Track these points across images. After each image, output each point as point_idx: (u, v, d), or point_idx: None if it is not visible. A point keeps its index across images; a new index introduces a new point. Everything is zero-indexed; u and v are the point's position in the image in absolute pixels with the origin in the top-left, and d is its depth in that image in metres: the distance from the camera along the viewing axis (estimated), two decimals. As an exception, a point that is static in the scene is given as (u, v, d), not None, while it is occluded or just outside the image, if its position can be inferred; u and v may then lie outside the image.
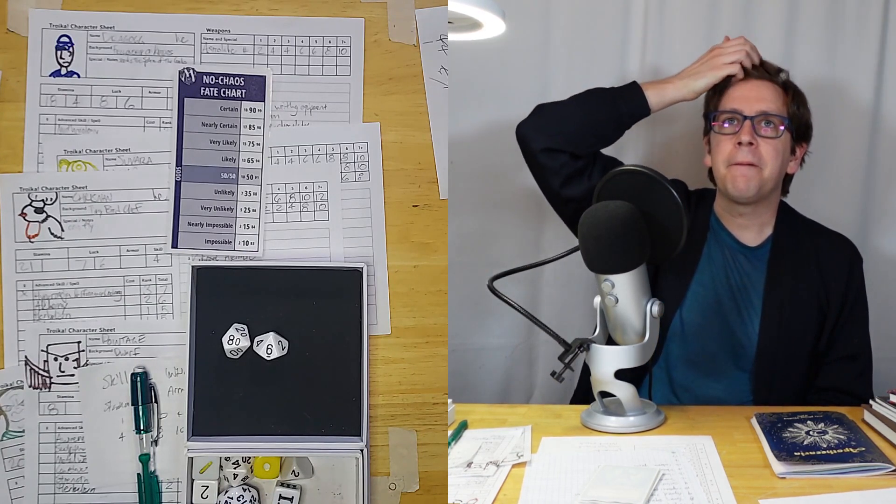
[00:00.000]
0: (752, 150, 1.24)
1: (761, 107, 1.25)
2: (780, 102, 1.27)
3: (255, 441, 1.06)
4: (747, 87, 1.27)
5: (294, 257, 1.10)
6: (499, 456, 1.00)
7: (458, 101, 1.51)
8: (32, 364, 1.07)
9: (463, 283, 1.53)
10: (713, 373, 1.27)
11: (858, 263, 1.31)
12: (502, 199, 1.61)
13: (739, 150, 1.24)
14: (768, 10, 1.49)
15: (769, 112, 1.25)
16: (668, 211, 1.07)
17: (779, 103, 1.27)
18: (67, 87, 1.10)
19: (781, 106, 1.27)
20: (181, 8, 1.11)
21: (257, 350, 1.06)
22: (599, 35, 1.53)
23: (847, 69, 1.50)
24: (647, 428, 1.09)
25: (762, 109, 1.25)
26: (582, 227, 1.07)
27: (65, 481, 1.07)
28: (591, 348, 1.09)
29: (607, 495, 0.88)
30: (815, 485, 0.90)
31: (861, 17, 1.48)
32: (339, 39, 1.12)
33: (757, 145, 1.24)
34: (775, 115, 1.25)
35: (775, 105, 1.27)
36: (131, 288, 1.09)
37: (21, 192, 1.08)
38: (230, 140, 1.10)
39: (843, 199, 1.53)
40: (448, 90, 1.12)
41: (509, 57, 1.55)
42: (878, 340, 1.54)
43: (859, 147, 1.51)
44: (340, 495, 1.07)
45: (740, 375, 1.26)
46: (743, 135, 1.24)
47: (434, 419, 1.10)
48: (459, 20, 1.14)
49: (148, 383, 1.07)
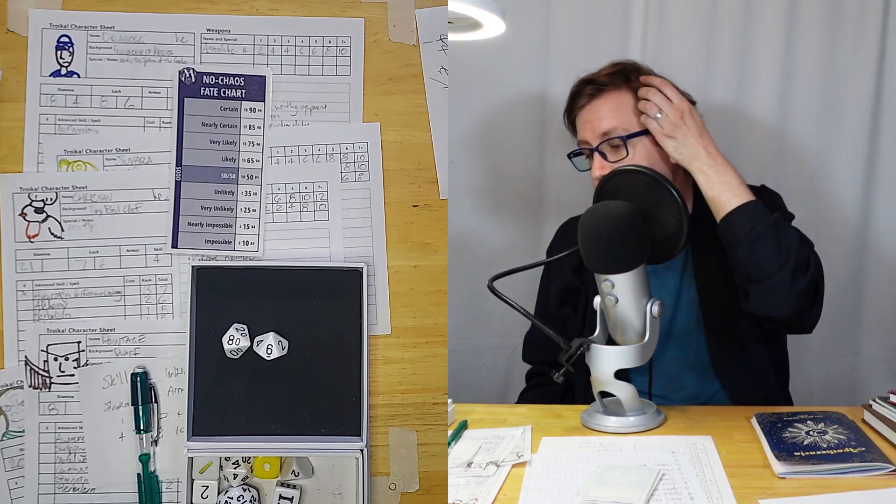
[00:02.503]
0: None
1: (602, 132, 1.20)
2: (625, 110, 1.21)
3: (255, 441, 1.06)
4: (587, 111, 1.23)
5: (294, 257, 1.10)
6: (499, 456, 1.00)
7: (458, 101, 1.51)
8: (32, 364, 1.07)
9: (463, 283, 1.53)
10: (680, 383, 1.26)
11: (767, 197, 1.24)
12: (502, 199, 1.61)
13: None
14: (768, 10, 1.49)
15: (611, 134, 1.20)
16: (668, 211, 1.07)
17: (623, 113, 1.21)
18: (67, 87, 1.10)
19: (627, 114, 1.21)
20: (181, 8, 1.11)
21: (257, 350, 1.06)
22: (599, 35, 1.54)
23: (847, 69, 1.50)
24: (647, 428, 1.09)
25: (604, 134, 1.20)
26: (582, 227, 1.07)
27: (65, 481, 1.07)
28: (591, 348, 1.09)
29: (607, 495, 0.88)
30: (815, 485, 0.90)
31: (861, 17, 1.48)
32: (339, 39, 1.12)
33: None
34: (618, 134, 1.19)
35: (614, 121, 1.20)
36: (131, 288, 1.09)
37: (21, 192, 1.08)
38: (230, 140, 1.10)
39: (842, 199, 1.53)
40: (448, 90, 1.12)
41: (509, 57, 1.55)
42: (877, 340, 1.55)
43: (859, 147, 1.51)
44: (340, 495, 1.07)
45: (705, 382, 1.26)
46: (595, 171, 1.21)
47: (434, 419, 1.10)
48: (459, 20, 1.14)
49: (148, 383, 1.07)
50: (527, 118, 1.58)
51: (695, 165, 1.17)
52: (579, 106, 1.24)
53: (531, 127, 1.58)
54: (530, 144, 1.59)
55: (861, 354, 1.50)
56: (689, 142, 1.17)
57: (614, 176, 1.11)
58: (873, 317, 1.54)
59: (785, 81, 1.51)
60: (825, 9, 1.49)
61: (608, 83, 1.23)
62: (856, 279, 1.53)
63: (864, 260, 1.54)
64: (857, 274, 1.54)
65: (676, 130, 1.17)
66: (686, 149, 1.17)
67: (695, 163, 1.17)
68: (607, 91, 1.23)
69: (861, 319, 1.54)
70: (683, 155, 1.17)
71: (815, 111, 1.52)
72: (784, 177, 1.50)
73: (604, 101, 1.23)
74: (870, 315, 1.54)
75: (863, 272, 1.54)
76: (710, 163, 1.16)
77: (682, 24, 1.52)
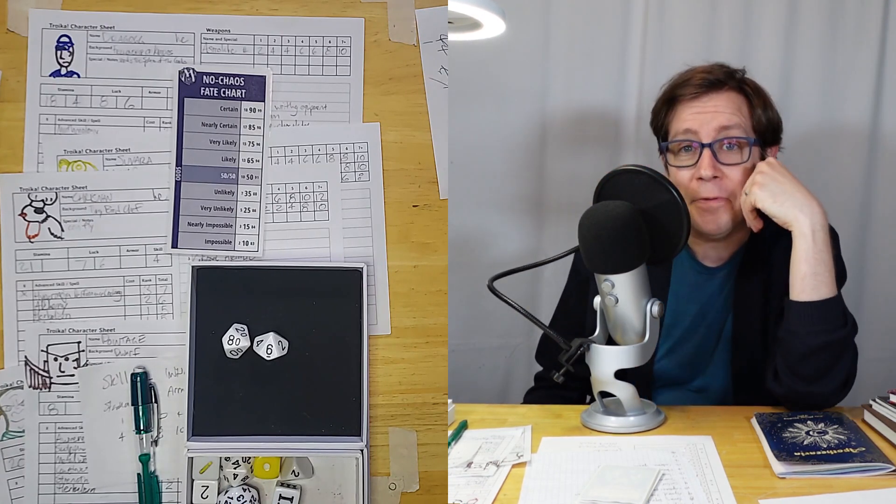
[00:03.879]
0: (716, 183, 1.12)
1: (720, 125, 1.11)
2: (743, 113, 1.13)
3: (255, 441, 1.06)
4: (701, 101, 1.13)
5: (294, 257, 1.10)
6: (499, 456, 1.00)
7: (458, 101, 1.51)
8: (32, 364, 1.07)
9: (463, 283, 1.53)
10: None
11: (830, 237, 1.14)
12: (502, 199, 1.62)
13: (702, 185, 1.12)
14: (768, 11, 1.50)
15: (731, 132, 1.11)
16: (668, 211, 1.07)
17: (741, 115, 1.13)
18: (67, 87, 1.10)
19: (745, 118, 1.13)
20: (181, 8, 1.11)
21: (257, 350, 1.06)
22: (599, 35, 1.54)
23: (847, 69, 1.50)
24: (647, 428, 1.09)
25: (722, 129, 1.11)
26: (582, 227, 1.07)
27: (65, 481, 1.07)
28: (591, 348, 1.09)
29: (607, 495, 0.88)
30: (815, 485, 0.90)
31: (861, 17, 1.49)
32: (339, 39, 1.12)
33: (722, 176, 1.12)
34: (738, 134, 1.12)
35: (736, 118, 1.12)
36: (131, 288, 1.09)
37: (21, 192, 1.08)
38: (230, 140, 1.10)
39: (843, 200, 1.53)
40: (448, 90, 1.12)
41: (509, 57, 1.55)
42: (877, 340, 1.55)
43: (859, 147, 1.51)
44: (340, 495, 1.07)
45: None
46: (703, 169, 1.11)
47: (434, 419, 1.10)
48: (459, 20, 1.14)
49: (148, 383, 1.07)
50: (527, 118, 1.58)
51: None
52: (689, 95, 1.13)
53: (531, 127, 1.58)
54: (530, 144, 1.59)
55: (861, 354, 1.50)
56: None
57: (614, 176, 1.11)
58: (873, 317, 1.54)
59: (785, 81, 1.51)
60: (825, 9, 1.49)
61: (725, 80, 1.14)
62: (856, 279, 1.53)
63: (865, 260, 1.55)
64: (858, 274, 1.54)
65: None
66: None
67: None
68: (726, 88, 1.14)
69: (861, 319, 1.54)
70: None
71: (814, 111, 1.52)
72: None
73: (722, 96, 1.13)
74: (870, 315, 1.54)
75: (863, 272, 1.55)
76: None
77: (682, 24, 1.52)
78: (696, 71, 1.18)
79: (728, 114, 1.13)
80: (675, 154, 1.17)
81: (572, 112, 1.57)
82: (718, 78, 1.15)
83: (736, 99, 1.15)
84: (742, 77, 1.17)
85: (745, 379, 1.20)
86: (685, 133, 1.15)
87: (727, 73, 1.16)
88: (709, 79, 1.15)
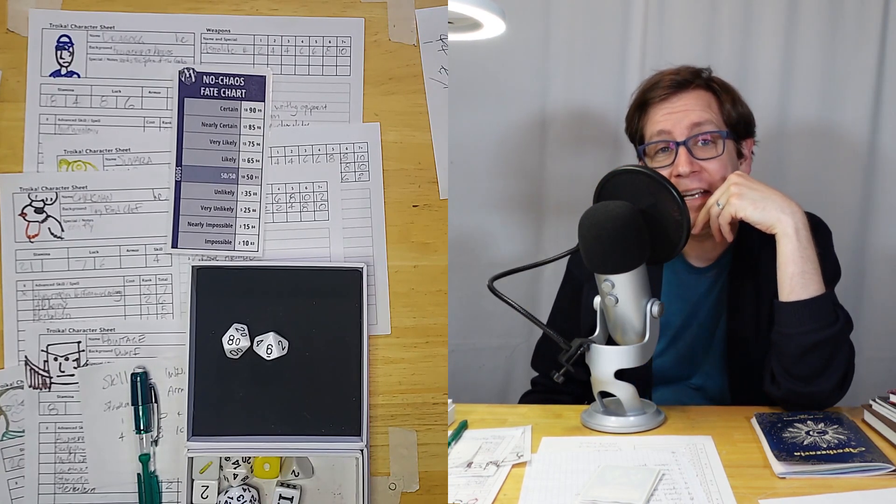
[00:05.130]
0: (696, 177, 1.15)
1: (692, 122, 1.14)
2: (713, 109, 1.17)
3: (255, 441, 1.06)
4: (671, 102, 1.17)
5: (294, 257, 1.10)
6: (499, 456, 1.00)
7: (458, 101, 1.51)
8: (32, 364, 1.07)
9: (463, 283, 1.53)
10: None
11: (821, 234, 1.15)
12: (502, 199, 1.61)
13: (681, 181, 1.14)
14: (768, 12, 1.50)
15: (703, 127, 1.14)
16: (668, 211, 1.07)
17: (711, 111, 1.16)
18: (67, 87, 1.10)
19: (715, 114, 1.17)
20: (181, 8, 1.11)
21: (257, 350, 1.06)
22: (599, 35, 1.54)
23: (847, 70, 1.50)
24: (647, 428, 1.09)
25: (694, 126, 1.14)
26: (582, 227, 1.07)
27: (65, 481, 1.07)
28: (591, 348, 1.09)
29: (607, 495, 0.88)
30: (815, 485, 0.90)
31: (861, 17, 1.49)
32: (339, 39, 1.12)
33: (700, 170, 1.15)
34: (710, 129, 1.15)
35: (707, 115, 1.16)
36: (131, 288, 1.09)
37: (21, 192, 1.08)
38: (230, 140, 1.10)
39: (842, 200, 1.53)
40: (448, 90, 1.12)
41: (509, 57, 1.55)
42: (877, 340, 1.55)
43: (859, 147, 1.51)
44: (340, 495, 1.07)
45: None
46: (680, 166, 1.14)
47: (434, 419, 1.10)
48: (459, 20, 1.14)
49: (148, 383, 1.07)
50: (527, 118, 1.58)
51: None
52: (659, 97, 1.17)
53: (531, 127, 1.58)
54: (530, 144, 1.59)
55: (861, 354, 1.50)
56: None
57: (614, 176, 1.11)
58: (873, 317, 1.54)
59: (785, 81, 1.51)
60: (825, 9, 1.49)
61: (692, 80, 1.18)
62: (856, 280, 1.53)
63: (865, 260, 1.55)
64: (858, 274, 1.54)
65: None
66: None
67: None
68: (693, 87, 1.18)
69: (861, 319, 1.54)
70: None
71: (814, 111, 1.52)
72: (783, 177, 1.50)
73: (691, 94, 1.17)
74: (870, 315, 1.54)
75: (863, 273, 1.54)
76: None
77: (682, 24, 1.52)
78: (663, 74, 1.21)
79: (699, 111, 1.16)
80: (651, 157, 1.20)
81: (572, 112, 1.57)
82: (686, 78, 1.19)
83: (704, 96, 1.18)
84: (709, 76, 1.21)
85: (742, 379, 1.21)
86: (659, 134, 1.18)
87: (693, 73, 1.20)
88: (676, 79, 1.19)
